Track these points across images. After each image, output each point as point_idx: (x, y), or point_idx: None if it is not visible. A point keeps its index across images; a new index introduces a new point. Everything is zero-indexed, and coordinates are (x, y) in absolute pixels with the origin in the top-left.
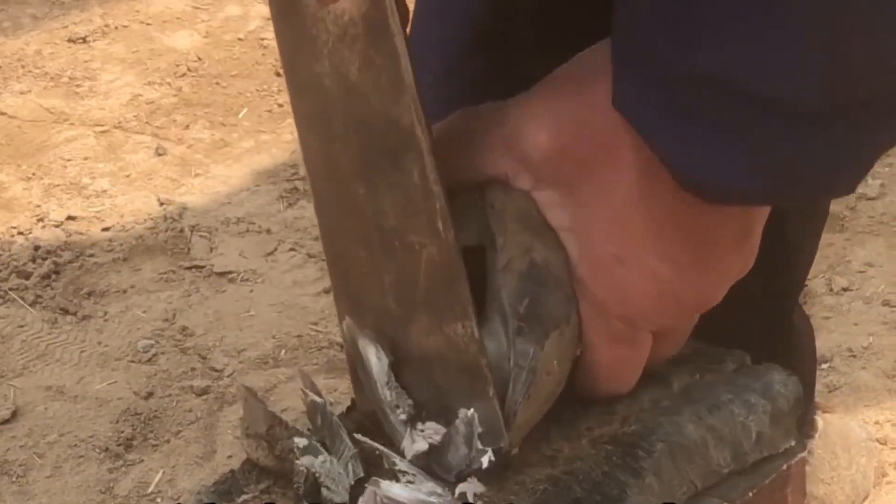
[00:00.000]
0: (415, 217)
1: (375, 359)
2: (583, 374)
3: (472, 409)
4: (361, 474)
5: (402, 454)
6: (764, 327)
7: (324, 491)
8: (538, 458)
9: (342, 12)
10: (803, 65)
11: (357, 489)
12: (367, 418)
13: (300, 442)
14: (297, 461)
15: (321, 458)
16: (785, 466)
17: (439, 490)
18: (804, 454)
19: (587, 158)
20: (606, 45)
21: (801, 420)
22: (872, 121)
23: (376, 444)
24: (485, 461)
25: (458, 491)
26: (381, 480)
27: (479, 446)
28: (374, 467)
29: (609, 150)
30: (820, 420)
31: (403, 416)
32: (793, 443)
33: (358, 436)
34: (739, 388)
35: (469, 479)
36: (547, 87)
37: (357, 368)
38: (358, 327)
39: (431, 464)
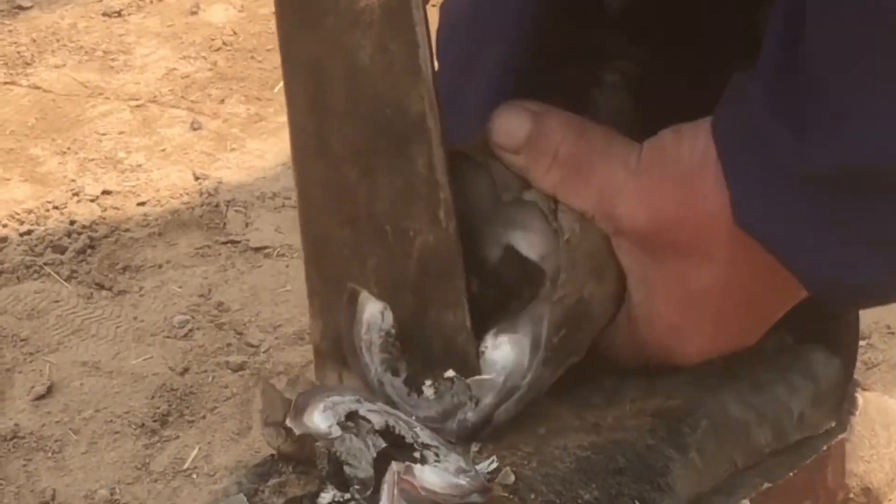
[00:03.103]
0: (413, 205)
1: (378, 312)
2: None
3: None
4: (383, 445)
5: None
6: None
7: (346, 469)
8: (581, 424)
9: (358, 1)
10: None
11: (381, 461)
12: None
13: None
14: (316, 443)
15: (339, 435)
16: (825, 447)
17: (462, 463)
18: (844, 435)
19: (679, 244)
20: (709, 132)
21: (843, 396)
22: None
23: (398, 414)
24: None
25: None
26: (413, 466)
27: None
28: (395, 439)
29: (703, 243)
30: (860, 397)
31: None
32: (833, 424)
33: (375, 405)
34: (782, 369)
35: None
36: (655, 166)
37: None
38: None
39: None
